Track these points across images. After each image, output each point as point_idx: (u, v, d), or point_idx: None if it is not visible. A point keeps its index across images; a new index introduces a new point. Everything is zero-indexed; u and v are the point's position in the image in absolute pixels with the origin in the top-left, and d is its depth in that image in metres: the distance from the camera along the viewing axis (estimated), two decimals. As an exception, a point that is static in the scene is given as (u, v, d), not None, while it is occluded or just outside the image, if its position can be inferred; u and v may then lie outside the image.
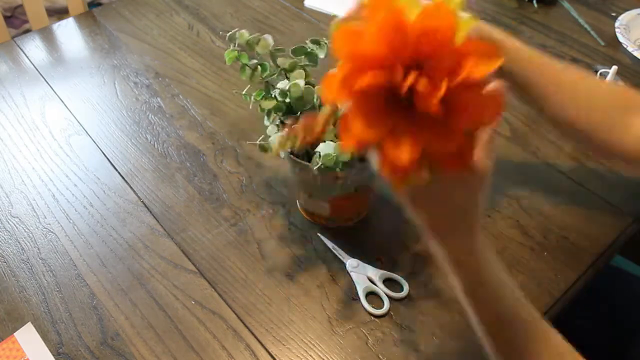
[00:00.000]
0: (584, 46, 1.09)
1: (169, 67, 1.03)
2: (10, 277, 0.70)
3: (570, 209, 0.78)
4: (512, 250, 0.73)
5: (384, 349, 0.63)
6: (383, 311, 0.66)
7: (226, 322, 0.66)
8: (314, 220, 0.76)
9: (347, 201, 0.71)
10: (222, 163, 0.84)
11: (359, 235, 0.74)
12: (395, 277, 0.69)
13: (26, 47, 1.08)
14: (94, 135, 0.89)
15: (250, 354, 0.63)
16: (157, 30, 1.12)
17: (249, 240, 0.74)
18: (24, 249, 0.73)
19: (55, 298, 0.68)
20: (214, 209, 0.78)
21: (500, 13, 1.18)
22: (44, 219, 0.77)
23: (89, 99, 0.96)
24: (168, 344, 0.64)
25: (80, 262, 0.72)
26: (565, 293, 0.68)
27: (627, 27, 1.09)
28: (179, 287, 0.69)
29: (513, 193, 0.80)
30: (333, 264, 0.71)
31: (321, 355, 0.63)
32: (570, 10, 1.19)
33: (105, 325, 0.65)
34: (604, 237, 0.74)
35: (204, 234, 0.75)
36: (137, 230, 0.75)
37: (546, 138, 0.89)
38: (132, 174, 0.83)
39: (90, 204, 0.79)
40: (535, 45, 1.09)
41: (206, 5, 1.19)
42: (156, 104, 0.95)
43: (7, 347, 0.63)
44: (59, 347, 0.63)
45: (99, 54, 1.06)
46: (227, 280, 0.70)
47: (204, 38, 1.10)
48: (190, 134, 0.89)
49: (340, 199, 0.69)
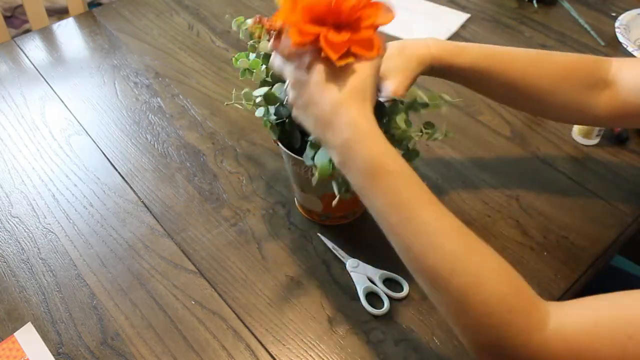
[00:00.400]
0: (584, 46, 1.09)
1: (169, 67, 1.03)
2: (10, 277, 0.70)
3: (570, 209, 0.78)
4: (512, 250, 0.73)
5: (384, 349, 0.63)
6: (383, 311, 0.66)
7: (226, 322, 0.66)
8: (311, 217, 0.76)
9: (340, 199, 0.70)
10: (222, 163, 0.84)
11: (359, 235, 0.74)
12: (395, 277, 0.69)
13: (26, 47, 1.08)
14: (94, 135, 0.89)
15: (250, 354, 0.63)
16: (157, 30, 1.12)
17: (249, 240, 0.74)
18: (24, 249, 0.73)
19: (55, 298, 0.68)
20: (214, 209, 0.78)
21: (500, 13, 1.18)
22: (44, 219, 0.77)
23: (89, 99, 0.96)
24: (168, 344, 0.64)
25: (80, 262, 0.72)
26: (565, 293, 0.68)
27: (627, 27, 1.09)
28: (179, 287, 0.69)
29: (513, 193, 0.80)
30: (333, 264, 0.71)
31: (321, 355, 0.63)
32: (570, 10, 1.19)
33: (105, 325, 0.65)
34: (604, 237, 0.74)
35: (204, 234, 0.75)
36: (137, 230, 0.75)
37: (546, 138, 0.89)
38: (132, 174, 0.83)
39: (90, 204, 0.79)
40: (535, 45, 1.09)
41: (206, 5, 1.19)
42: (156, 104, 0.95)
43: (7, 347, 0.63)
44: (59, 347, 0.63)
45: (99, 54, 1.06)
46: (227, 280, 0.70)
47: (204, 38, 1.10)
48: (190, 134, 0.89)
49: (332, 196, 0.68)
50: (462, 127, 0.90)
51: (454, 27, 1.13)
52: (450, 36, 1.11)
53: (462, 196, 0.79)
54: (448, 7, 1.20)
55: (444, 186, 0.81)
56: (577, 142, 0.88)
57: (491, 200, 0.79)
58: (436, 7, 1.20)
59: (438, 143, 0.87)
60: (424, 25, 1.14)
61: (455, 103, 0.63)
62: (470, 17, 1.16)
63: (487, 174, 0.83)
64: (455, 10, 1.18)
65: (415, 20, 1.15)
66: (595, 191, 0.80)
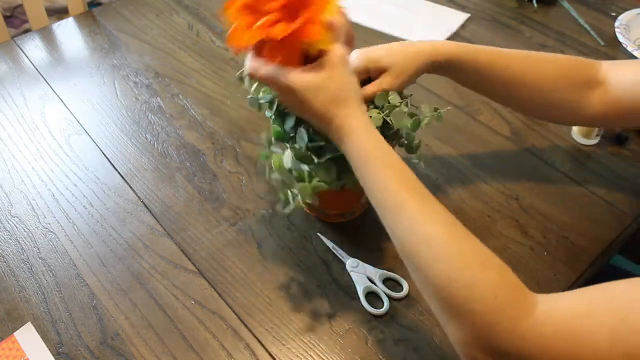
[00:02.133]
0: (584, 46, 1.09)
1: (169, 67, 1.03)
2: (10, 277, 0.70)
3: (570, 209, 0.78)
4: (512, 250, 0.73)
5: (384, 349, 0.63)
6: (383, 311, 0.66)
7: (226, 322, 0.66)
8: (311, 212, 0.76)
9: (334, 196, 0.70)
10: (222, 163, 0.84)
11: (359, 235, 0.74)
12: (395, 277, 0.69)
13: (26, 47, 1.08)
14: (94, 135, 0.89)
15: (250, 354, 0.63)
16: (157, 30, 1.12)
17: (249, 240, 0.74)
18: (24, 249, 0.73)
19: (55, 298, 0.68)
20: (214, 209, 0.78)
21: (500, 13, 1.18)
22: (44, 219, 0.77)
23: (89, 99, 0.96)
24: (168, 344, 0.64)
25: (80, 262, 0.72)
26: (565, 293, 0.68)
27: (627, 27, 1.09)
28: (179, 287, 0.69)
29: (513, 193, 0.80)
30: (333, 264, 0.71)
31: (321, 355, 0.63)
32: (570, 10, 1.19)
33: (105, 325, 0.65)
34: (604, 237, 0.74)
35: (204, 234, 0.75)
36: (137, 230, 0.75)
37: (546, 138, 0.89)
38: (132, 174, 0.83)
39: (90, 204, 0.79)
40: (535, 45, 1.09)
41: (206, 5, 1.19)
42: (156, 104, 0.95)
43: (7, 347, 0.63)
44: (59, 347, 0.63)
45: (99, 54, 1.06)
46: (227, 280, 0.70)
47: (204, 38, 1.10)
48: (190, 134, 0.89)
49: (326, 193, 0.68)
50: (462, 127, 0.91)
51: (454, 27, 1.13)
52: (450, 36, 1.11)
53: (462, 196, 0.79)
54: (448, 7, 1.20)
55: (444, 186, 0.81)
56: (577, 142, 0.88)
57: (491, 200, 0.79)
58: (436, 7, 1.20)
59: (438, 143, 0.87)
60: (424, 25, 1.14)
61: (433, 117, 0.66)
62: (470, 17, 1.16)
63: (487, 174, 0.83)
64: (455, 10, 1.18)
65: (415, 20, 1.15)
66: (595, 191, 0.80)
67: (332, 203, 0.74)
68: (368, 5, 1.19)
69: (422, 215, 0.50)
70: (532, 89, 0.69)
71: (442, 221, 0.50)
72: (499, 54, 0.68)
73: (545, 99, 0.70)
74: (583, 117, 0.72)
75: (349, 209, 0.75)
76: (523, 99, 0.71)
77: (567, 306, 0.45)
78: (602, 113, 0.69)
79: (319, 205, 0.74)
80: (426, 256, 0.48)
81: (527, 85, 0.69)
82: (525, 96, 0.70)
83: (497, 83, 0.69)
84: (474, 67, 0.67)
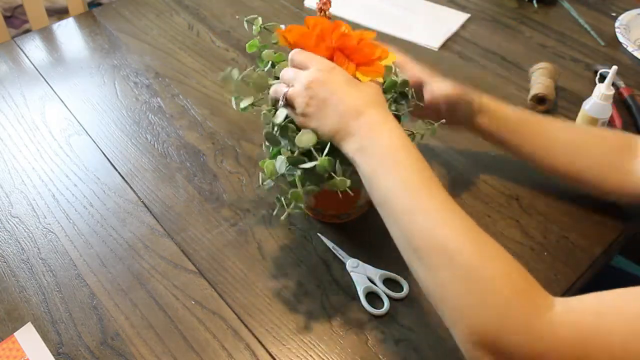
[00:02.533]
0: (584, 46, 1.09)
1: (169, 67, 1.03)
2: (10, 277, 0.70)
3: (570, 209, 0.78)
4: (512, 250, 0.73)
5: (384, 349, 0.63)
6: (383, 311, 0.66)
7: (226, 322, 0.66)
8: (308, 212, 0.76)
9: (327, 197, 0.70)
10: (222, 163, 0.84)
11: (359, 235, 0.74)
12: (395, 277, 0.69)
13: (26, 47, 1.08)
14: (94, 135, 0.89)
15: (250, 354, 0.63)
16: (157, 30, 1.12)
17: (249, 240, 0.74)
18: (24, 249, 0.73)
19: (55, 298, 0.68)
20: (214, 209, 0.78)
21: (500, 13, 1.18)
22: (44, 219, 0.77)
23: (89, 99, 0.96)
24: (168, 344, 0.64)
25: (80, 262, 0.72)
26: (565, 293, 0.68)
27: (627, 27, 1.09)
28: (179, 287, 0.69)
29: (513, 193, 0.80)
30: (333, 264, 0.71)
31: (321, 355, 0.63)
32: (570, 10, 1.19)
33: (105, 325, 0.65)
34: (604, 237, 0.74)
35: (204, 234, 0.75)
36: (137, 230, 0.75)
37: (546, 138, 0.88)
38: (132, 174, 0.83)
39: (90, 204, 0.79)
40: (535, 45, 1.09)
41: (206, 5, 1.19)
42: (156, 104, 0.95)
43: (7, 347, 0.63)
44: (59, 347, 0.63)
45: (99, 54, 1.06)
46: (227, 280, 0.70)
47: (204, 38, 1.10)
48: (190, 134, 0.89)
49: (320, 194, 0.68)
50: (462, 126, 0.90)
51: (454, 27, 1.13)
52: (450, 36, 1.11)
53: (462, 196, 0.79)
54: (448, 7, 1.20)
55: (444, 186, 0.80)
56: (577, 142, 0.88)
57: (491, 200, 0.79)
58: (436, 7, 1.20)
59: (438, 143, 0.87)
60: (424, 25, 1.14)
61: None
62: (470, 17, 1.16)
63: (487, 174, 0.83)
64: (455, 10, 1.18)
65: (415, 20, 1.15)
66: (595, 191, 0.80)
67: (327, 203, 0.74)
68: (368, 5, 1.19)
69: (449, 208, 0.50)
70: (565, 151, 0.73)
71: (467, 217, 0.50)
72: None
73: (583, 160, 0.72)
74: (630, 183, 0.69)
75: (344, 210, 0.75)
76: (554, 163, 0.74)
77: (585, 309, 0.44)
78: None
79: (314, 206, 0.74)
80: (451, 246, 0.48)
81: None
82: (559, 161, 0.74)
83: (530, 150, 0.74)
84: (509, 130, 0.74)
